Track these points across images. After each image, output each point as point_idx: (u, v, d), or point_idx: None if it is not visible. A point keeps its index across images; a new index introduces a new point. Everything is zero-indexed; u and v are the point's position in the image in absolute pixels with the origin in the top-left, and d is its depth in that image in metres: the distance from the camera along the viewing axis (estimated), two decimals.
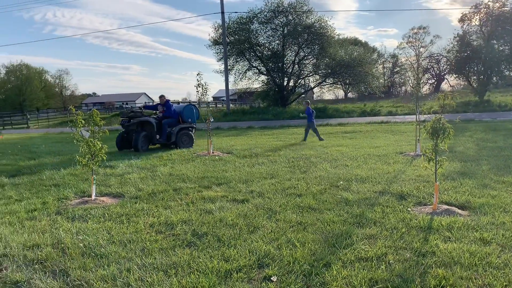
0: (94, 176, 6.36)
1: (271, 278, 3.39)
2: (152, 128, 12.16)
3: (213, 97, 79.31)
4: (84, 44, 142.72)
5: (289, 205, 5.57)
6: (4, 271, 3.71)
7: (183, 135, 12.78)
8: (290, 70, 36.65)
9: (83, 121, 6.18)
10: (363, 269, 3.53)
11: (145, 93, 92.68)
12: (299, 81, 38.28)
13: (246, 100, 51.66)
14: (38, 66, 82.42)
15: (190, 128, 13.06)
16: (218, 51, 36.54)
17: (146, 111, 13.42)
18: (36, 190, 7.04)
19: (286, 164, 8.92)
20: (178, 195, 6.34)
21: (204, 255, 3.96)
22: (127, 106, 59.81)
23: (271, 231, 4.58)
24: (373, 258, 3.75)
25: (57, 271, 3.69)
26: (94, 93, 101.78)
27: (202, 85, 10.85)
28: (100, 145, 6.25)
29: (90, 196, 6.36)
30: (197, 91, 10.96)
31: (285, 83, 37.01)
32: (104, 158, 6.45)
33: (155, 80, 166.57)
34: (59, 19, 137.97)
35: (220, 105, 49.51)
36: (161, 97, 13.10)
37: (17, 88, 74.81)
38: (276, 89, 37.01)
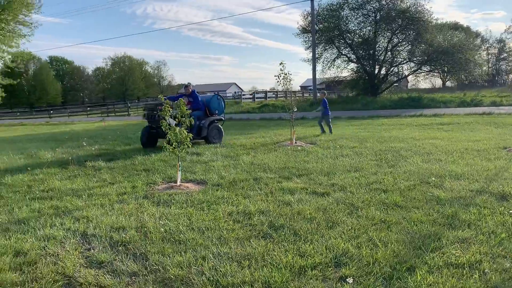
0: (179, 163, 6.58)
1: (347, 280, 3.19)
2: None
3: (301, 86, 78.78)
4: (180, 36, 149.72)
5: (373, 201, 5.26)
6: (92, 250, 3.95)
7: (213, 129, 11.51)
8: (382, 58, 34.96)
9: (170, 110, 6.40)
10: (452, 277, 3.18)
11: (235, 83, 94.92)
12: (391, 69, 36.35)
13: (334, 89, 50.60)
14: (139, 58, 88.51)
15: (218, 121, 11.81)
16: (307, 39, 36.08)
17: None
18: (128, 174, 7.49)
19: (372, 157, 8.48)
20: (258, 185, 6.32)
21: (279, 248, 3.86)
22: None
23: (352, 228, 4.34)
24: (465, 265, 3.36)
25: (138, 254, 3.85)
26: (189, 83, 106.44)
27: (285, 74, 10.67)
28: (185, 133, 6.43)
29: (176, 182, 6.60)
30: (278, 81, 10.81)
31: (376, 71, 35.46)
32: (190, 146, 6.65)
33: (244, 70, 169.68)
34: (158, 13, 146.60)
35: (307, 94, 48.96)
36: (187, 86, 11.64)
37: (120, 79, 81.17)
38: (366, 78, 35.63)
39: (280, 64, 10.69)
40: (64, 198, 5.88)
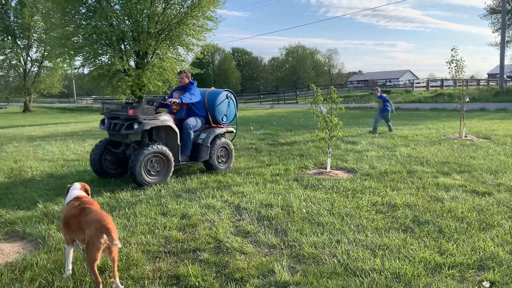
0: (329, 150, 6.75)
1: (483, 283, 2.94)
2: (173, 138, 6.43)
3: (488, 74, 69.79)
4: (353, 23, 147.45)
5: None
6: (241, 221, 4.46)
7: (219, 148, 7.06)
8: None
9: (321, 98, 6.60)
10: None
11: (409, 71, 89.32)
12: None
13: None
14: (312, 47, 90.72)
15: (225, 134, 7.28)
16: (495, 20, 31.83)
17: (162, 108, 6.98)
18: (284, 158, 7.99)
19: None
20: (410, 178, 6.08)
21: (419, 243, 3.74)
22: (390, 83, 58.70)
23: (509, 232, 3.91)
24: None
25: (279, 229, 4.19)
26: (360, 71, 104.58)
27: (457, 61, 9.77)
28: (336, 121, 6.56)
29: (326, 168, 6.80)
30: (449, 68, 9.93)
31: None
32: (340, 134, 6.75)
33: (421, 57, 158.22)
34: (331, 1, 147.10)
35: (494, 83, 43.18)
36: (181, 73, 7.06)
37: (293, 68, 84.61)
38: None
39: (451, 49, 9.88)
40: (227, 175, 6.64)
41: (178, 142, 6.42)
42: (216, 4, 25.75)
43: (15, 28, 37.09)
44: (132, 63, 25.66)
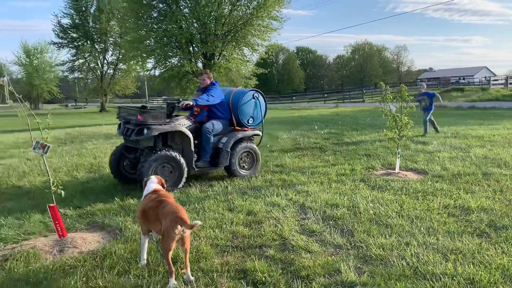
0: (398, 150, 6.55)
1: None
2: (186, 143, 6.14)
3: None
4: (423, 19, 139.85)
5: None
6: (306, 220, 4.47)
7: (241, 152, 6.67)
8: None
9: (391, 97, 6.42)
10: None
11: (485, 67, 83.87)
12: None
13: None
14: (379, 44, 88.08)
15: (252, 138, 6.98)
16: None
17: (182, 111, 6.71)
18: (350, 158, 7.86)
19: None
20: (486, 181, 5.74)
21: (495, 249, 3.55)
22: (463, 81, 55.42)
23: None
24: None
25: (345, 230, 4.16)
26: (431, 68, 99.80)
27: None
28: (406, 120, 6.35)
29: (394, 169, 6.60)
30: None
31: None
32: (410, 133, 6.53)
33: (500, 52, 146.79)
34: None
35: None
36: (203, 74, 6.69)
37: (359, 65, 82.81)
38: None
39: None
40: (291, 173, 6.67)
41: (192, 148, 6.06)
42: (281, 4, 25.85)
43: (94, 33, 39.69)
44: (200, 64, 26.48)
